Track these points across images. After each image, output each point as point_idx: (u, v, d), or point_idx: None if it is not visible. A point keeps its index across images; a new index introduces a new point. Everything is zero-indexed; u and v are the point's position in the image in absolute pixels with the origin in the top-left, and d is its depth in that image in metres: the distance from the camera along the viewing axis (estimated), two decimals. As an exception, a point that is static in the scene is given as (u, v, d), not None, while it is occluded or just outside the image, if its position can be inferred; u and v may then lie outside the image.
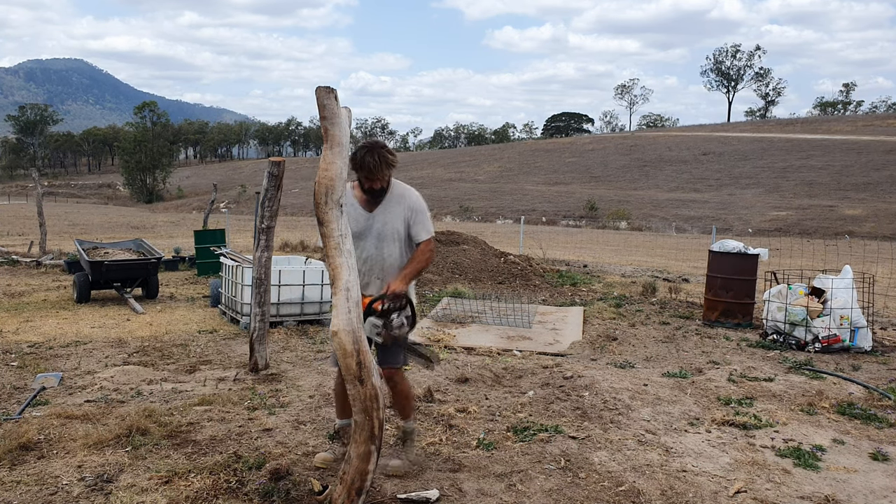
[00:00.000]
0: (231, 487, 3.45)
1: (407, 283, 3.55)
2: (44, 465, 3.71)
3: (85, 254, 10.13)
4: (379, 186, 3.61)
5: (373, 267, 3.69)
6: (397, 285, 3.50)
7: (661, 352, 7.12)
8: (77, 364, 6.04)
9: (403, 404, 3.91)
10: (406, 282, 3.55)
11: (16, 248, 16.77)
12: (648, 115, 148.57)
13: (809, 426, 4.74)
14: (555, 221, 46.45)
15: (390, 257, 3.68)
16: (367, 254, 3.69)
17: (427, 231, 3.69)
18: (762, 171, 59.90)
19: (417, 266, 3.65)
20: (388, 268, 3.68)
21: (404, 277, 3.55)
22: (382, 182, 3.60)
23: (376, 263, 3.69)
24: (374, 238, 3.67)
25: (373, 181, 3.57)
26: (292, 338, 7.41)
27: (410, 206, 3.69)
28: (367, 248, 3.69)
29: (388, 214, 3.67)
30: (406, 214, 3.68)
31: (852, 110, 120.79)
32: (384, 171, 3.54)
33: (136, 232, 26.89)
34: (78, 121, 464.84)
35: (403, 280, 3.54)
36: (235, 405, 4.87)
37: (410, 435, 3.92)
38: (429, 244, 3.68)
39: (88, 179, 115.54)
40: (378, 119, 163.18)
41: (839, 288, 7.36)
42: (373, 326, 3.47)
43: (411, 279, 3.60)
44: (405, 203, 3.69)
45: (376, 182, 3.58)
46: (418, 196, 3.75)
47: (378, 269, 3.70)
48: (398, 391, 3.85)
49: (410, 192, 3.74)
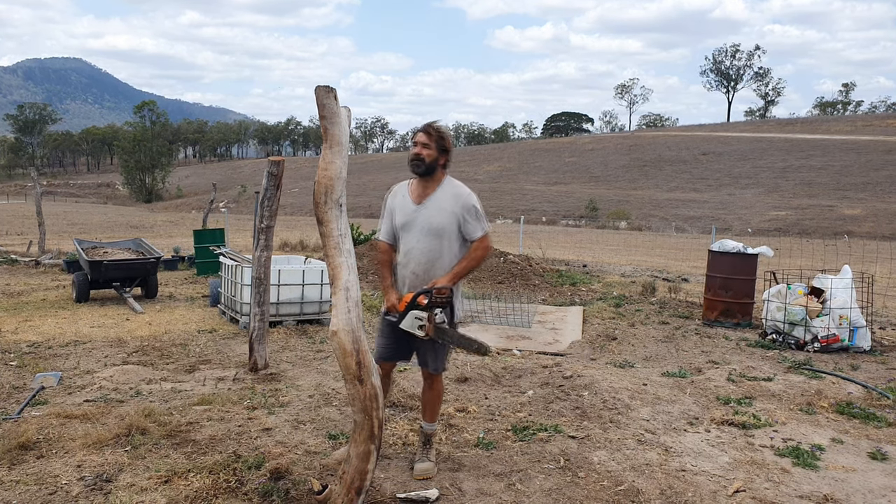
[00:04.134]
0: (230, 487, 3.45)
1: (453, 281, 3.52)
2: (43, 465, 3.71)
3: (84, 253, 10.12)
4: (422, 155, 3.57)
5: (410, 261, 3.65)
6: (443, 281, 3.49)
7: (660, 351, 7.13)
8: (76, 364, 6.04)
9: (435, 407, 3.90)
10: (453, 279, 3.52)
11: (15, 248, 16.77)
12: (648, 114, 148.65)
13: (808, 425, 4.75)
14: (554, 221, 46.46)
15: (430, 252, 3.60)
16: (408, 247, 3.67)
17: (482, 228, 3.62)
18: (762, 171, 59.93)
19: (468, 264, 3.60)
20: (426, 263, 3.60)
21: (453, 275, 3.53)
22: (428, 153, 3.57)
23: (414, 258, 3.64)
24: (417, 231, 3.63)
25: (419, 147, 3.58)
26: (292, 337, 7.41)
27: (462, 203, 3.61)
28: (408, 241, 3.67)
29: (435, 209, 3.62)
30: (457, 211, 3.60)
31: (852, 110, 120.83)
32: (433, 141, 3.57)
33: (136, 231, 26.89)
34: (77, 120, 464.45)
35: (451, 277, 3.52)
36: (235, 405, 4.87)
37: (432, 437, 3.91)
38: (483, 242, 3.62)
39: (87, 179, 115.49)
40: (378, 119, 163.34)
41: (838, 288, 7.36)
42: (415, 320, 3.45)
43: (460, 277, 3.57)
44: (457, 200, 3.62)
45: (423, 149, 3.57)
46: (471, 193, 3.67)
47: (415, 264, 3.63)
48: (435, 392, 3.86)
49: (463, 190, 3.67)
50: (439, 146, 3.60)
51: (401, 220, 3.68)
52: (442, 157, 3.63)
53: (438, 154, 3.61)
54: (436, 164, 3.61)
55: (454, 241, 3.62)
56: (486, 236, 3.63)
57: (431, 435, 3.91)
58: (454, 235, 3.61)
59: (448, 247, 3.60)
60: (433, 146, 3.59)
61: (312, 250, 16.56)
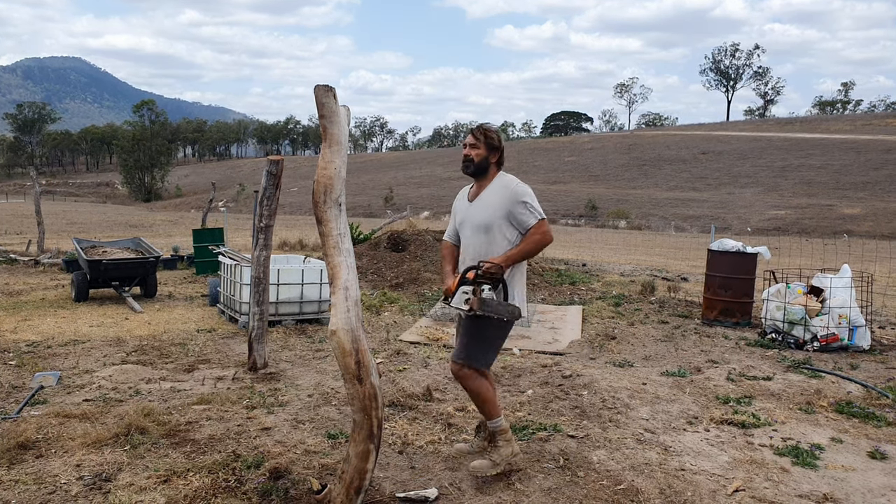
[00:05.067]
0: (230, 486, 3.44)
1: (506, 261, 3.53)
2: (42, 464, 3.70)
3: (83, 252, 10.11)
4: (471, 155, 3.69)
5: (466, 257, 3.73)
6: (496, 259, 3.51)
7: (659, 351, 7.13)
8: (75, 363, 6.04)
9: (478, 404, 3.76)
10: (506, 260, 3.54)
11: (14, 247, 16.76)
12: (648, 113, 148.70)
13: (808, 425, 4.75)
14: (554, 220, 46.46)
15: (480, 247, 3.65)
16: (465, 244, 3.77)
17: (534, 215, 3.62)
18: (761, 171, 59.94)
19: (525, 247, 3.61)
20: (478, 257, 3.63)
21: (506, 256, 3.55)
22: (477, 153, 3.69)
23: (468, 253, 3.71)
24: (469, 228, 3.73)
25: (467, 149, 3.71)
26: (291, 337, 7.41)
27: (509, 196, 3.64)
28: (464, 238, 3.77)
29: (484, 205, 3.69)
30: (505, 205, 3.63)
31: (851, 110, 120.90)
32: (481, 141, 3.68)
33: (135, 231, 26.88)
34: (76, 119, 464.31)
35: (505, 257, 3.54)
36: (234, 404, 4.86)
37: (495, 435, 3.74)
38: (539, 227, 3.61)
39: (86, 178, 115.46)
40: (377, 118, 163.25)
41: (838, 287, 7.36)
42: (462, 294, 3.48)
43: (514, 259, 3.58)
44: (504, 194, 3.66)
45: (471, 150, 3.69)
46: (519, 185, 3.69)
47: (469, 259, 3.68)
48: (468, 389, 3.72)
49: (511, 181, 3.71)
50: (488, 145, 3.71)
51: (458, 219, 3.85)
52: (492, 154, 3.73)
53: (488, 152, 3.71)
54: (486, 163, 3.72)
55: (506, 233, 3.63)
56: (542, 222, 3.62)
57: (494, 432, 3.74)
58: (504, 228, 3.63)
59: (499, 240, 3.63)
60: (481, 145, 3.70)
61: (312, 249, 16.55)
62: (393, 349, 6.70)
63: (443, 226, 21.94)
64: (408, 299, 9.79)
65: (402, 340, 7.18)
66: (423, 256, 12.29)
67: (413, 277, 11.15)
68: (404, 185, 66.17)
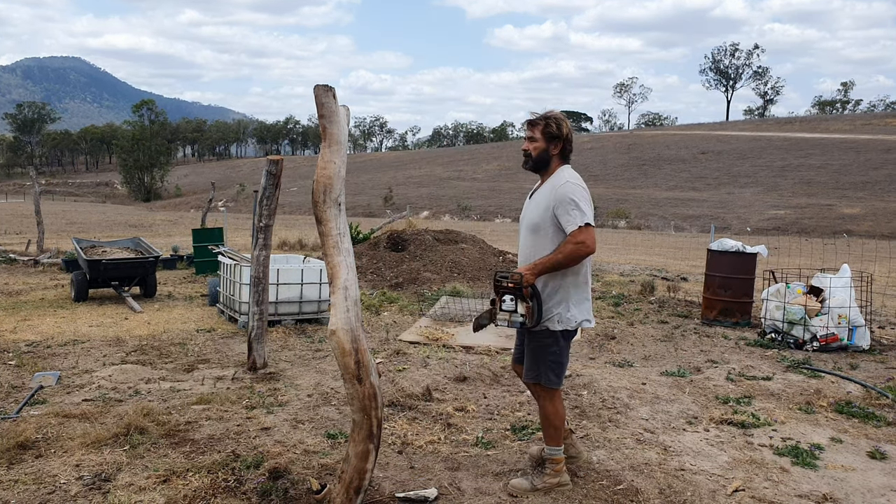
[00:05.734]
0: (229, 486, 3.44)
1: (533, 272, 3.29)
2: (42, 464, 3.70)
3: (83, 252, 10.11)
4: (528, 149, 3.46)
5: (519, 258, 3.59)
6: (522, 269, 3.33)
7: (659, 350, 7.13)
8: (75, 363, 6.03)
9: (542, 425, 3.60)
10: (533, 270, 3.29)
11: (13, 247, 16.75)
12: (647, 113, 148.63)
13: (807, 425, 4.75)
14: (553, 220, 46.43)
15: (529, 248, 3.47)
16: (520, 243, 3.59)
17: (572, 222, 3.25)
18: (761, 170, 59.93)
19: (554, 257, 3.28)
20: (526, 260, 3.46)
21: (533, 266, 3.31)
22: (534, 146, 3.44)
23: (521, 254, 3.57)
24: (523, 226, 3.54)
25: (525, 142, 3.48)
26: (290, 337, 7.41)
27: (556, 194, 3.33)
28: (520, 237, 3.59)
29: (536, 203, 3.45)
30: (552, 205, 3.34)
31: (851, 109, 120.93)
32: (539, 131, 3.42)
33: (134, 230, 26.86)
34: (76, 119, 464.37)
35: (531, 268, 3.31)
36: (234, 404, 4.86)
37: (546, 462, 3.55)
38: (575, 236, 3.24)
39: (86, 178, 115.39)
40: (377, 118, 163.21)
41: (837, 287, 7.36)
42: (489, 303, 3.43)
43: (541, 270, 3.30)
44: (552, 192, 3.36)
45: (528, 143, 3.46)
46: (568, 183, 3.35)
47: (520, 260, 3.55)
48: (540, 410, 3.58)
49: (562, 178, 3.39)
50: (546, 134, 3.41)
51: (521, 217, 3.63)
52: (553, 145, 3.42)
53: (547, 143, 3.42)
54: (547, 156, 3.44)
55: (553, 237, 3.36)
56: (580, 230, 3.24)
57: (546, 459, 3.56)
58: (551, 231, 3.35)
59: (545, 243, 3.37)
60: (539, 136, 3.42)
61: (311, 249, 16.55)
62: (392, 349, 6.70)
63: (442, 225, 21.93)
64: (407, 299, 9.79)
65: (401, 340, 7.18)
66: (422, 256, 12.28)
67: (413, 277, 11.15)
68: (404, 184, 66.15)
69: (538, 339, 3.43)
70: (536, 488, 3.48)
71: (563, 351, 3.46)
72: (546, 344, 3.42)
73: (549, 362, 3.44)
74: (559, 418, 3.53)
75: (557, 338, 3.42)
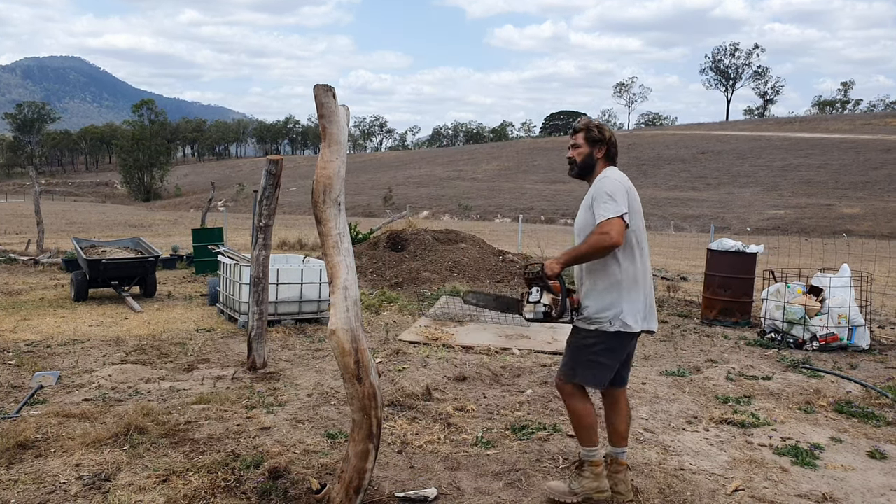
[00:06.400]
0: (229, 486, 3.44)
1: (559, 263, 3.24)
2: (41, 464, 3.70)
3: (83, 252, 10.11)
4: (573, 156, 3.42)
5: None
6: (550, 262, 3.28)
7: (659, 350, 7.13)
8: (75, 363, 6.03)
9: (574, 425, 3.48)
10: (559, 261, 3.25)
11: (13, 247, 16.75)
12: (647, 113, 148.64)
13: (807, 424, 4.75)
14: (553, 220, 46.45)
15: None
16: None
17: (602, 213, 3.15)
18: (760, 170, 59.94)
19: (580, 248, 3.21)
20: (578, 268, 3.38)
21: (559, 256, 3.27)
22: (578, 152, 3.40)
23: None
24: (574, 231, 3.46)
25: (570, 150, 3.44)
26: (290, 336, 7.41)
27: (594, 191, 3.28)
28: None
29: (582, 206, 3.39)
30: (590, 204, 3.28)
31: (850, 109, 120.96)
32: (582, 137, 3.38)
33: (134, 230, 26.85)
34: (75, 119, 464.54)
35: (558, 259, 3.27)
36: (233, 404, 4.86)
37: (584, 464, 3.43)
38: (602, 226, 3.13)
39: (86, 177, 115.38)
40: (377, 117, 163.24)
41: (837, 286, 7.36)
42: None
43: (566, 261, 3.25)
44: (592, 190, 3.32)
45: (572, 150, 3.43)
46: (607, 177, 3.28)
47: (576, 269, 3.42)
48: (566, 407, 3.48)
49: (603, 175, 3.33)
50: (588, 139, 3.39)
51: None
52: (596, 149, 3.39)
53: (591, 148, 3.39)
54: (591, 161, 3.40)
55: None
56: (607, 221, 3.12)
57: (583, 461, 3.44)
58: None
59: None
60: (582, 142, 3.40)
61: (311, 249, 16.55)
62: (392, 349, 6.70)
63: (442, 225, 21.91)
64: (407, 299, 9.79)
65: (401, 340, 7.18)
66: (422, 256, 12.28)
67: (412, 277, 11.15)
68: (403, 184, 66.16)
69: (583, 339, 3.33)
70: (574, 492, 3.39)
71: (607, 352, 3.30)
72: (589, 344, 3.30)
73: (586, 361, 3.32)
74: (588, 414, 3.40)
75: (606, 338, 3.28)
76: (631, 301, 3.27)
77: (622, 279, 3.27)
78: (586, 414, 3.40)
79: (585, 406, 3.41)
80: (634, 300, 3.28)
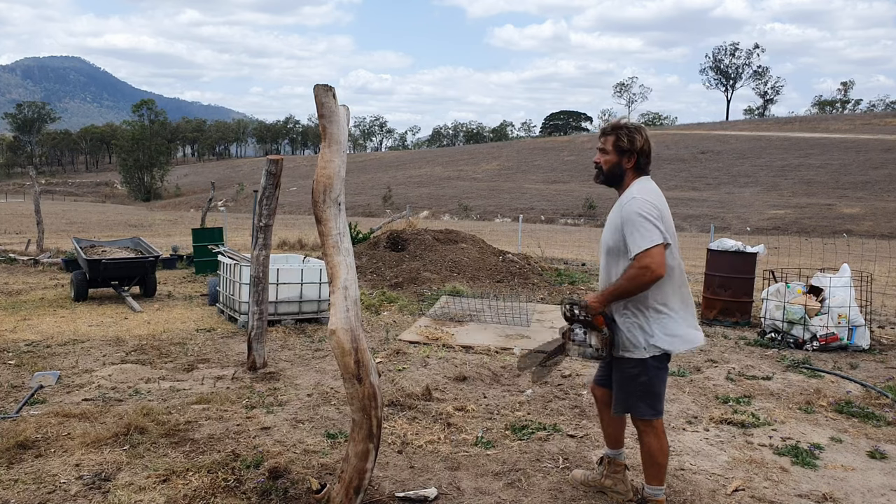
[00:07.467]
0: (229, 486, 3.44)
1: (600, 302, 3.05)
2: (41, 464, 3.70)
3: (82, 252, 10.10)
4: (599, 162, 3.18)
5: (600, 281, 3.33)
6: (591, 298, 3.08)
7: (659, 350, 7.12)
8: (75, 362, 6.03)
9: (644, 463, 3.26)
10: (600, 300, 3.05)
11: (13, 247, 16.74)
12: (647, 113, 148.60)
13: (807, 424, 4.75)
14: (553, 220, 46.45)
15: (604, 271, 3.24)
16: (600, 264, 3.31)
17: (636, 244, 2.93)
18: (760, 170, 59.94)
19: (620, 284, 2.99)
20: (603, 283, 3.24)
21: (601, 295, 3.08)
22: (605, 159, 3.15)
23: (601, 276, 3.30)
24: (601, 248, 3.27)
25: (597, 154, 3.19)
26: (290, 336, 7.41)
27: (622, 213, 3.04)
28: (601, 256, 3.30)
29: (609, 222, 3.18)
30: (618, 223, 3.07)
31: (851, 109, 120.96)
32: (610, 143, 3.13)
33: (134, 230, 26.85)
34: (75, 119, 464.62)
35: (598, 297, 3.07)
36: (233, 404, 4.86)
37: (645, 501, 3.25)
38: (640, 260, 2.91)
39: (86, 177, 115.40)
40: (377, 117, 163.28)
41: (837, 286, 7.36)
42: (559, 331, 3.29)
43: (607, 298, 3.05)
44: (620, 210, 3.08)
45: (600, 156, 3.17)
46: (636, 198, 3.04)
47: (602, 282, 3.26)
48: (642, 446, 3.24)
49: (631, 192, 3.09)
50: (618, 147, 3.11)
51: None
52: (626, 159, 3.11)
53: (619, 157, 3.12)
54: (619, 170, 3.14)
55: (621, 257, 3.09)
56: (644, 254, 2.90)
57: (646, 500, 3.24)
58: (623, 252, 3.06)
59: (620, 267, 3.09)
60: (610, 149, 3.13)
61: (311, 249, 16.55)
62: (392, 349, 6.70)
63: (442, 225, 21.92)
64: (407, 299, 9.79)
65: (401, 340, 7.18)
66: (422, 256, 12.28)
67: (412, 277, 11.15)
68: (403, 184, 66.16)
69: (624, 369, 3.14)
70: None
71: (653, 379, 3.10)
72: (633, 374, 3.10)
73: (639, 392, 3.12)
74: (664, 454, 3.18)
75: (646, 366, 3.08)
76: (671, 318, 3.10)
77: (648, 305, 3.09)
78: (662, 451, 3.20)
79: (659, 441, 3.19)
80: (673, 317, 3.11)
